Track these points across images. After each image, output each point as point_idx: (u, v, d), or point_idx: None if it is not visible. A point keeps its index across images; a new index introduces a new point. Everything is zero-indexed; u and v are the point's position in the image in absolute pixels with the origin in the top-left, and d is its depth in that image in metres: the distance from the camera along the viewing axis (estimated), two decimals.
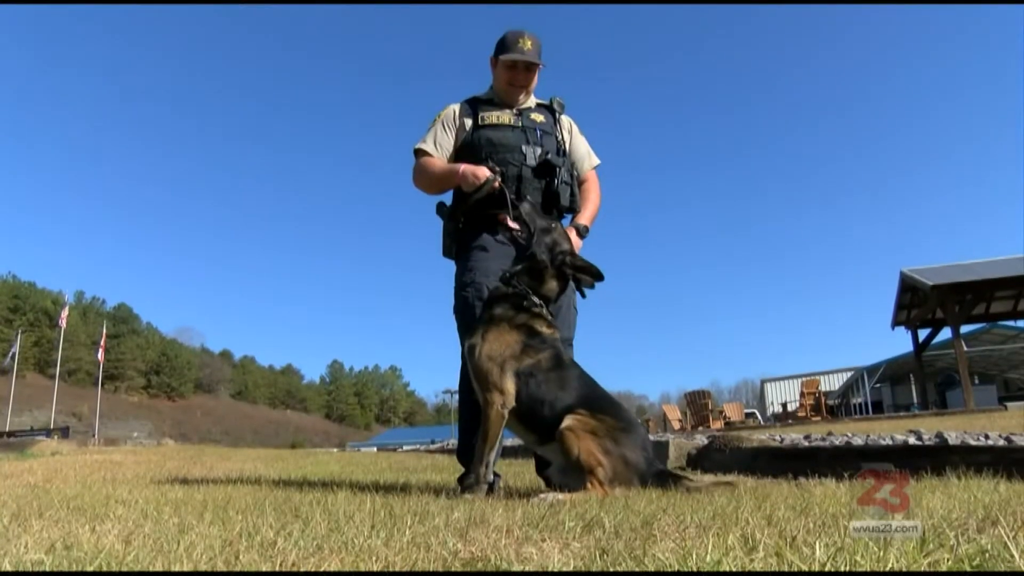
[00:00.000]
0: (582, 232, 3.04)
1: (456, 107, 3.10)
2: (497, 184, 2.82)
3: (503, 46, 3.04)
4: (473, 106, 3.08)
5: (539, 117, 3.09)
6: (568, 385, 2.54)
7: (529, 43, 3.02)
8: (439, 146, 3.06)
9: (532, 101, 3.15)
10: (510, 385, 2.50)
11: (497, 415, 2.48)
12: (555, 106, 3.18)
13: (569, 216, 3.07)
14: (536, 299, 2.65)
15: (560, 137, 3.13)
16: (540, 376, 2.52)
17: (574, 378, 2.58)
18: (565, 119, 3.20)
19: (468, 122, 3.04)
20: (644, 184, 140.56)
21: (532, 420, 2.53)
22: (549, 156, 2.95)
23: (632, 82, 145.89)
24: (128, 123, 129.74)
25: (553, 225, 2.74)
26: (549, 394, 2.51)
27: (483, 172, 2.84)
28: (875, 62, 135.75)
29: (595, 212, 3.16)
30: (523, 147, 2.95)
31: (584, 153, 3.23)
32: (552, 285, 2.70)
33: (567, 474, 2.42)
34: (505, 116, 3.03)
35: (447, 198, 3.09)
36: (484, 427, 2.52)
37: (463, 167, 2.90)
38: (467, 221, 2.97)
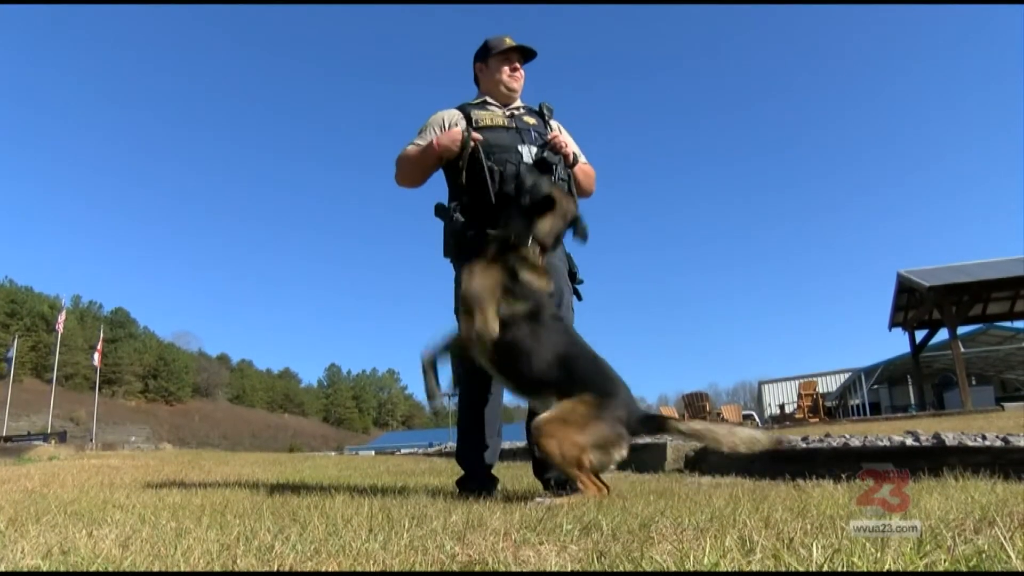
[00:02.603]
0: (575, 159, 3.06)
1: (445, 113, 3.11)
2: (475, 140, 2.87)
3: (488, 47, 3.13)
4: (464, 111, 3.10)
5: (531, 120, 3.12)
6: (545, 342, 2.48)
7: (511, 41, 3.12)
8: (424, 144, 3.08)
9: (521, 103, 3.18)
10: (493, 318, 2.47)
11: (472, 335, 2.47)
12: (544, 111, 3.20)
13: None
14: (527, 241, 2.62)
15: None
16: (518, 328, 2.48)
17: (555, 332, 2.53)
18: (554, 123, 3.23)
19: (462, 125, 3.05)
20: (642, 187, 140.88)
21: (509, 370, 2.52)
22: (545, 154, 2.96)
23: (627, 87, 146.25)
24: (124, 126, 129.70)
25: (520, 170, 2.75)
26: (526, 347, 2.46)
27: (457, 131, 2.89)
28: (872, 65, 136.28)
29: (587, 171, 3.19)
30: (519, 147, 2.97)
31: (575, 149, 3.24)
32: (540, 225, 2.65)
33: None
34: (499, 118, 3.05)
35: (444, 198, 3.09)
36: (456, 337, 2.59)
37: (439, 137, 2.94)
38: (469, 220, 2.96)
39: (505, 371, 2.53)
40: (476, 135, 2.88)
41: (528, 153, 2.96)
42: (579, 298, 3.06)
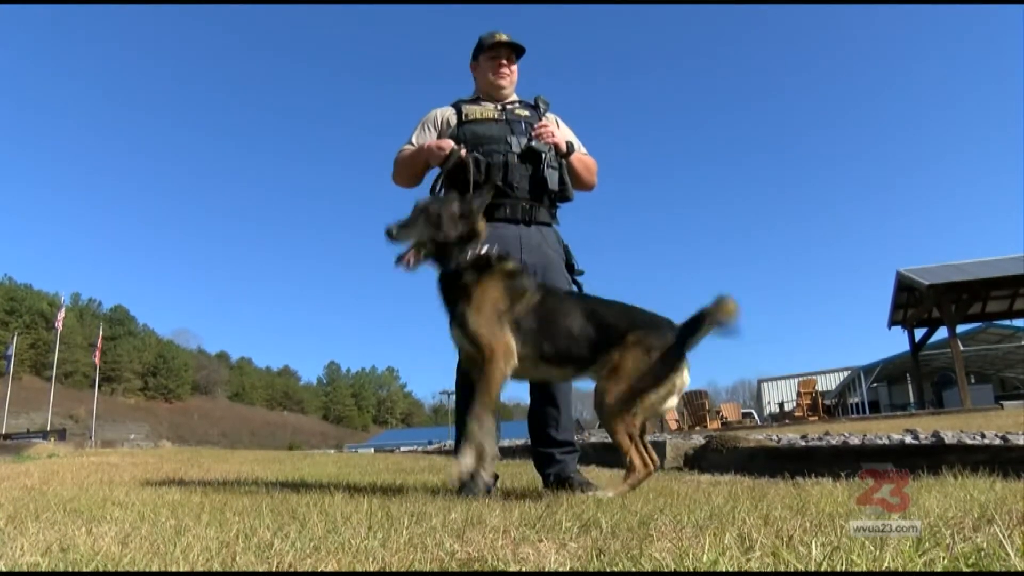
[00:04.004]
0: (570, 148, 3.04)
1: (439, 110, 3.15)
2: (463, 154, 2.86)
3: (480, 45, 3.15)
4: (457, 106, 3.13)
5: (524, 112, 3.13)
6: (572, 311, 2.49)
7: (504, 36, 3.12)
8: (417, 143, 3.10)
9: (515, 98, 3.18)
10: (509, 337, 2.42)
11: (500, 368, 2.38)
12: (540, 104, 3.20)
13: (560, 203, 3.09)
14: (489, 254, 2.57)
15: None
16: (536, 314, 2.47)
17: (566, 301, 2.56)
18: (550, 116, 3.22)
19: (453, 120, 3.08)
20: (641, 185, 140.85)
21: (556, 356, 2.47)
22: (533, 143, 2.95)
23: (627, 85, 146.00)
24: (123, 125, 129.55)
25: (428, 203, 2.60)
26: (556, 322, 2.47)
27: (448, 143, 2.90)
28: (871, 64, 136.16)
29: (587, 163, 3.16)
30: (508, 137, 2.98)
31: (572, 140, 3.23)
32: (471, 228, 2.54)
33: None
34: (489, 111, 3.07)
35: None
36: (485, 381, 2.39)
37: (428, 142, 2.96)
38: None
39: (553, 360, 2.48)
40: (464, 153, 2.86)
41: (517, 144, 2.97)
42: (580, 290, 3.06)
